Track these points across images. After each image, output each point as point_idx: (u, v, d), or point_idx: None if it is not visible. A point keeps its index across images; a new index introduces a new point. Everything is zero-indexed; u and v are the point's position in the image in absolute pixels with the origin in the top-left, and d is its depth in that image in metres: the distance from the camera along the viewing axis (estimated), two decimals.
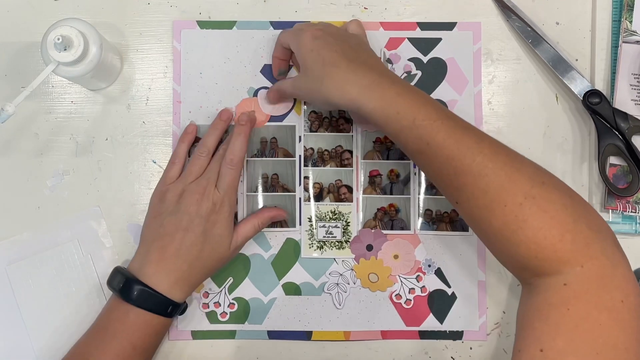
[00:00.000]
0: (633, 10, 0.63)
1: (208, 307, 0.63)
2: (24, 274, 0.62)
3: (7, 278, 0.62)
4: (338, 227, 0.64)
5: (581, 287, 0.45)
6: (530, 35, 0.64)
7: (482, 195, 0.48)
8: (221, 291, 0.63)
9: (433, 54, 0.65)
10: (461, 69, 0.65)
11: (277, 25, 0.65)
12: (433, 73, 0.65)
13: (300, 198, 0.64)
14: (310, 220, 0.64)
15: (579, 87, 0.63)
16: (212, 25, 0.65)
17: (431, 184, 0.64)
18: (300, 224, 0.64)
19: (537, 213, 0.46)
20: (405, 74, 0.65)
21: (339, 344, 0.63)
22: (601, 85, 0.64)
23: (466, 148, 0.49)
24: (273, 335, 0.63)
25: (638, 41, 0.63)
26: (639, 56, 0.63)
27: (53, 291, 0.62)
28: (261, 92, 0.64)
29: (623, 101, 0.63)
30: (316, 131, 0.64)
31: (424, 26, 0.65)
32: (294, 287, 0.63)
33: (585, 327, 0.44)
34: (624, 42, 0.63)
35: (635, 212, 0.62)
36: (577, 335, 0.44)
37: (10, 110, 0.53)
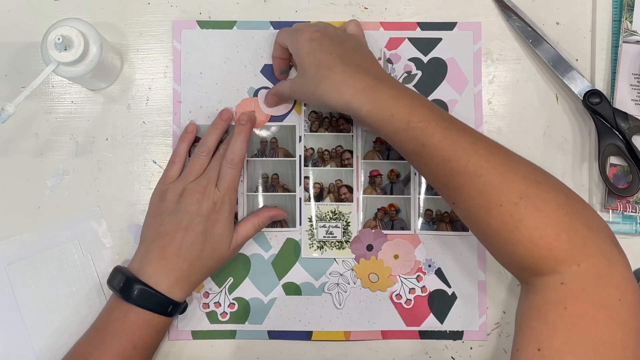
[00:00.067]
0: (633, 10, 0.63)
1: (208, 307, 0.63)
2: (24, 274, 0.62)
3: (7, 278, 0.62)
4: (338, 227, 0.64)
5: (578, 286, 0.45)
6: (530, 35, 0.64)
7: (478, 195, 0.48)
8: (221, 291, 0.63)
9: (433, 54, 0.65)
10: (461, 69, 0.65)
11: (277, 25, 0.65)
12: (433, 73, 0.65)
13: (300, 198, 0.64)
14: (310, 220, 0.64)
15: (579, 87, 0.63)
16: (212, 25, 0.65)
17: None
18: (300, 224, 0.64)
19: (533, 212, 0.46)
20: (405, 74, 0.65)
21: (339, 344, 0.63)
22: (601, 85, 0.64)
23: (461, 149, 0.49)
24: (273, 335, 0.63)
25: (638, 41, 0.63)
26: (639, 56, 0.63)
27: (53, 291, 0.62)
28: (261, 92, 0.64)
29: (623, 101, 0.63)
30: (316, 131, 0.64)
31: (424, 26, 0.65)
32: (294, 287, 0.63)
33: (582, 326, 0.44)
34: (624, 42, 0.63)
35: (635, 212, 0.62)
36: (575, 334, 0.44)
37: (10, 110, 0.53)
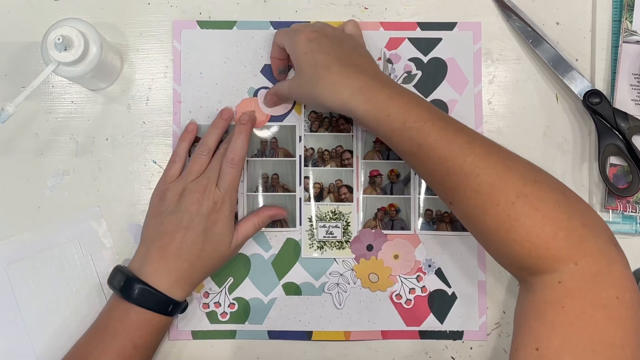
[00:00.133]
0: (633, 10, 0.63)
1: (208, 307, 0.63)
2: (24, 274, 0.62)
3: (7, 278, 0.62)
4: (338, 227, 0.64)
5: (576, 285, 0.45)
6: (530, 35, 0.64)
7: (475, 195, 0.48)
8: (221, 291, 0.63)
9: (433, 54, 0.65)
10: (461, 69, 0.65)
11: (277, 25, 0.65)
12: (433, 73, 0.65)
13: (300, 198, 0.64)
14: (310, 220, 0.64)
15: (579, 87, 0.63)
16: (212, 25, 0.65)
17: None
18: (300, 224, 0.64)
19: (530, 211, 0.46)
20: (405, 74, 0.65)
21: (339, 344, 0.63)
22: (601, 85, 0.64)
23: (457, 148, 0.49)
24: (273, 335, 0.63)
25: (638, 41, 0.63)
26: (639, 56, 0.63)
27: (53, 291, 0.62)
28: (261, 92, 0.64)
29: (623, 101, 0.63)
30: (316, 131, 0.64)
31: (424, 26, 0.65)
32: (294, 287, 0.63)
33: (580, 325, 0.44)
34: (624, 42, 0.63)
35: (635, 212, 0.62)
36: (573, 333, 0.44)
37: (10, 110, 0.53)
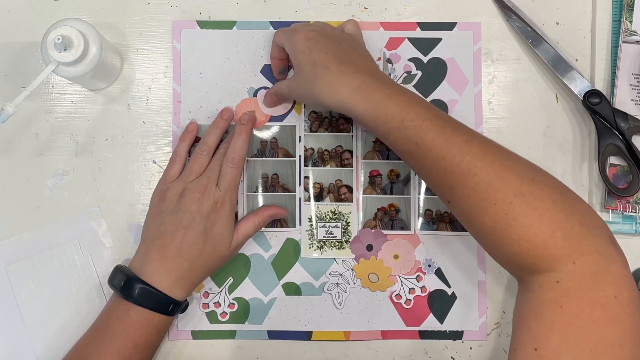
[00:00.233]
0: (633, 10, 0.63)
1: (208, 307, 0.63)
2: (24, 274, 0.62)
3: (7, 278, 0.62)
4: (338, 227, 0.64)
5: (574, 284, 0.45)
6: (530, 35, 0.64)
7: (473, 194, 0.48)
8: (221, 291, 0.63)
9: (433, 54, 0.65)
10: (461, 69, 0.65)
11: (277, 25, 0.65)
12: (433, 73, 0.65)
13: (300, 198, 0.64)
14: (310, 220, 0.64)
15: (579, 87, 0.63)
16: (212, 25, 0.65)
17: None
18: (300, 224, 0.64)
19: (527, 210, 0.46)
20: (405, 74, 0.65)
21: (339, 344, 0.63)
22: (601, 85, 0.64)
23: (455, 147, 0.49)
24: (273, 335, 0.63)
25: (638, 41, 0.63)
26: (639, 56, 0.63)
27: (53, 291, 0.62)
28: (261, 92, 0.64)
29: (623, 101, 0.63)
30: (316, 131, 0.64)
31: (424, 26, 0.65)
32: (294, 287, 0.63)
33: (579, 325, 0.44)
34: (624, 42, 0.63)
35: (635, 212, 0.62)
36: (571, 332, 0.43)
37: (10, 110, 0.53)
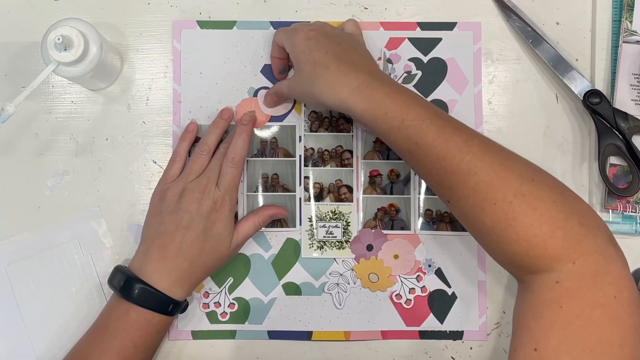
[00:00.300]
0: (633, 10, 0.63)
1: (208, 307, 0.63)
2: (24, 274, 0.62)
3: (7, 278, 0.62)
4: (338, 227, 0.64)
5: (574, 284, 0.45)
6: (530, 35, 0.64)
7: (473, 194, 0.48)
8: (221, 291, 0.63)
9: (433, 54, 0.65)
10: (461, 69, 0.65)
11: (277, 25, 0.65)
12: (433, 73, 0.65)
13: (300, 198, 0.64)
14: (310, 220, 0.64)
15: (579, 87, 0.63)
16: (212, 25, 0.65)
17: None
18: (300, 224, 0.64)
19: (527, 210, 0.46)
20: (405, 74, 0.65)
21: (339, 344, 0.63)
22: (601, 85, 0.64)
23: (455, 147, 0.49)
24: (273, 335, 0.63)
25: (638, 41, 0.63)
26: (639, 56, 0.63)
27: (53, 291, 0.62)
28: (261, 92, 0.64)
29: (623, 101, 0.63)
30: (316, 131, 0.64)
31: (424, 26, 0.65)
32: (294, 287, 0.63)
33: (578, 325, 0.44)
34: (624, 42, 0.63)
35: (635, 212, 0.62)
36: (571, 333, 0.43)
37: (10, 110, 0.53)
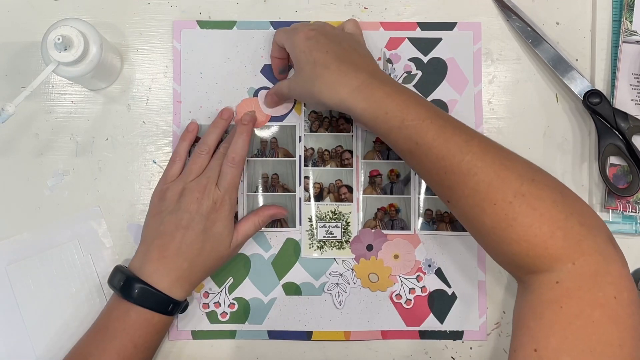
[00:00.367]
0: (633, 10, 0.63)
1: (208, 307, 0.63)
2: (24, 274, 0.62)
3: (7, 278, 0.62)
4: (338, 227, 0.64)
5: (573, 285, 0.45)
6: (530, 35, 0.64)
7: (472, 194, 0.48)
8: (221, 291, 0.63)
9: (433, 54, 0.65)
10: (461, 69, 0.65)
11: (277, 25, 0.65)
12: (433, 73, 0.65)
13: (300, 198, 0.64)
14: (310, 220, 0.64)
15: (579, 87, 0.63)
16: (212, 25, 0.65)
17: None
18: (300, 224, 0.64)
19: (527, 211, 0.46)
20: (405, 74, 0.65)
21: (339, 344, 0.63)
22: (601, 85, 0.64)
23: (455, 147, 0.49)
24: (273, 335, 0.63)
25: (638, 41, 0.63)
26: (639, 56, 0.63)
27: (53, 291, 0.62)
28: (261, 92, 0.64)
29: (623, 101, 0.63)
30: (316, 131, 0.64)
31: (424, 26, 0.65)
32: (294, 287, 0.63)
33: (578, 325, 0.44)
34: (624, 42, 0.63)
35: (635, 212, 0.62)
36: (571, 333, 0.43)
37: (10, 110, 0.53)
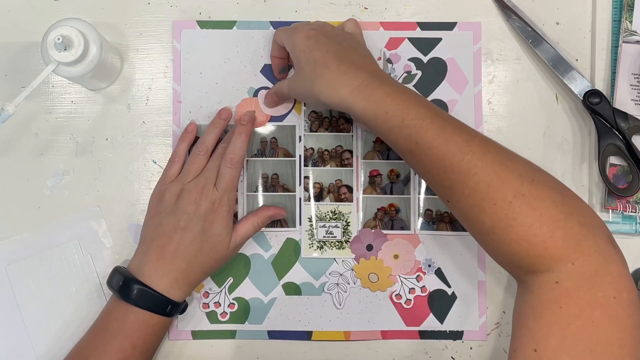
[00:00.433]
0: (633, 10, 0.63)
1: (208, 307, 0.63)
2: (24, 274, 0.62)
3: (7, 278, 0.62)
4: (338, 227, 0.64)
5: (573, 285, 0.45)
6: (530, 35, 0.64)
7: (472, 193, 0.48)
8: (221, 291, 0.63)
9: (433, 54, 0.65)
10: (461, 69, 0.65)
11: (277, 25, 0.65)
12: (433, 73, 0.65)
13: (300, 198, 0.64)
14: (310, 220, 0.64)
15: (579, 87, 0.63)
16: (212, 25, 0.65)
17: None
18: (300, 224, 0.64)
19: (527, 211, 0.46)
20: (405, 74, 0.65)
21: (339, 344, 0.63)
22: (601, 85, 0.64)
23: (455, 147, 0.49)
24: (273, 335, 0.63)
25: (638, 41, 0.63)
26: (639, 56, 0.63)
27: (53, 291, 0.62)
28: (261, 92, 0.64)
29: (623, 101, 0.63)
30: (316, 131, 0.64)
31: (424, 26, 0.65)
32: (294, 287, 0.63)
33: (578, 325, 0.43)
34: (624, 42, 0.63)
35: (635, 212, 0.62)
36: (570, 333, 0.43)
37: (10, 110, 0.53)
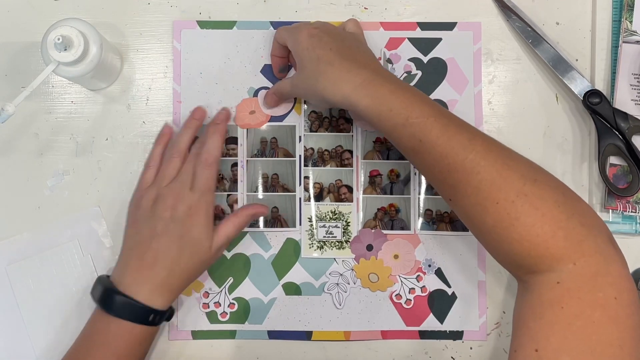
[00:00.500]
0: (633, 10, 0.63)
1: (208, 307, 0.63)
2: (24, 274, 0.62)
3: (7, 278, 0.62)
4: (338, 227, 0.64)
5: (574, 285, 0.45)
6: (530, 35, 0.64)
7: (475, 192, 0.48)
8: (221, 291, 0.63)
9: (433, 54, 0.65)
10: (461, 69, 0.65)
11: (277, 25, 0.65)
12: (433, 73, 0.65)
13: (300, 198, 0.64)
14: (310, 220, 0.64)
15: (579, 87, 0.63)
16: (212, 25, 0.65)
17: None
18: (300, 224, 0.64)
19: (529, 210, 0.46)
20: (405, 74, 0.65)
21: (339, 344, 0.63)
22: (601, 85, 0.64)
23: (459, 145, 0.49)
24: (273, 335, 0.63)
25: (638, 41, 0.63)
26: (639, 56, 0.63)
27: (53, 291, 0.62)
28: (261, 92, 0.64)
29: (623, 101, 0.63)
30: (316, 131, 0.64)
31: (424, 26, 0.65)
32: (294, 287, 0.63)
33: (579, 325, 0.44)
34: (624, 42, 0.63)
35: (635, 212, 0.62)
36: (571, 333, 0.43)
37: (10, 110, 0.53)
